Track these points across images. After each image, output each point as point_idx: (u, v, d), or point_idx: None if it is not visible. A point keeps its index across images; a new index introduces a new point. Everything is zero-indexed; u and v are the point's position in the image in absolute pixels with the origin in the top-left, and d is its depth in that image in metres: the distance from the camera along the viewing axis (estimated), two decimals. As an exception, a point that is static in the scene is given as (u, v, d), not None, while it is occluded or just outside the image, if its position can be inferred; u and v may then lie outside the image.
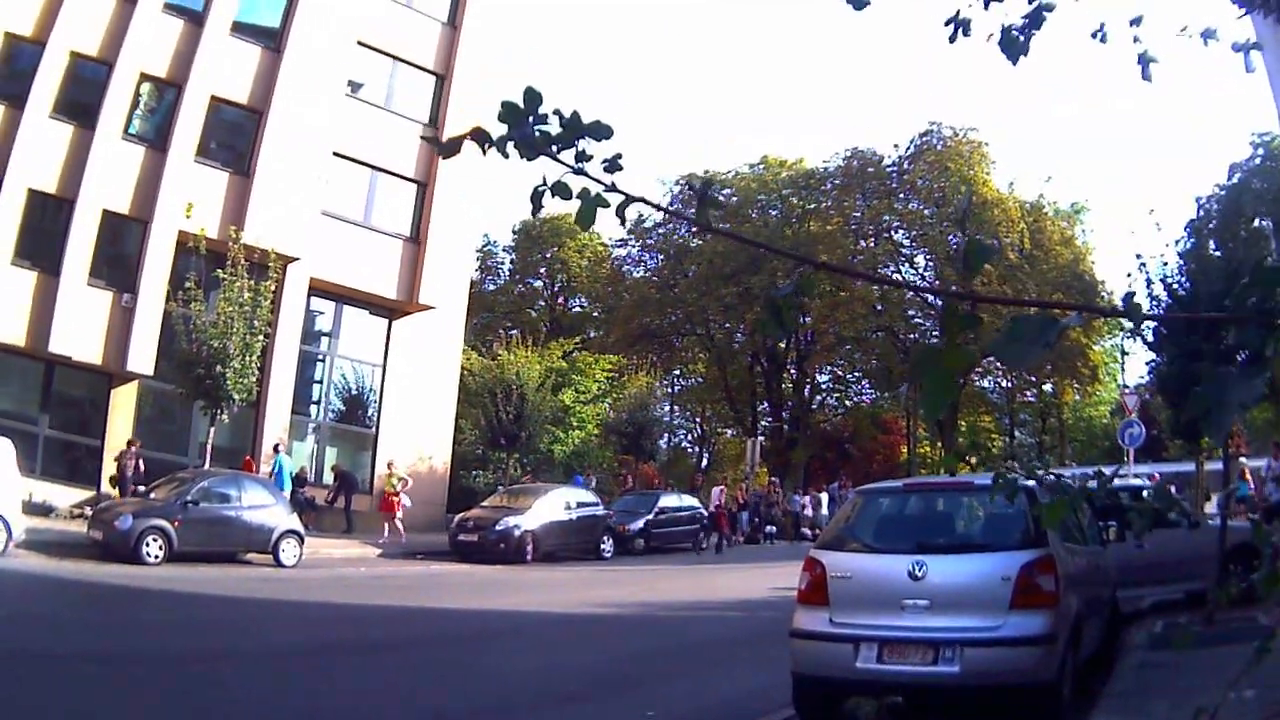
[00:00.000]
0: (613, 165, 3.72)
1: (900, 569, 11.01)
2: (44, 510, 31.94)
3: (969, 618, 10.67)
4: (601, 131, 3.69)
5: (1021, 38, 6.74)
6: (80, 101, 35.27)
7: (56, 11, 34.34)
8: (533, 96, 3.68)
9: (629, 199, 3.74)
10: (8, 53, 34.46)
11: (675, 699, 13.97)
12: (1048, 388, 76.02)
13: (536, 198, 3.80)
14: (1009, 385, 77.20)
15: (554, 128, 3.67)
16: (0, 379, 34.93)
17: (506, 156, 3.68)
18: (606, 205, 3.76)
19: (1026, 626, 10.49)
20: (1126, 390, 54.38)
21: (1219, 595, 11.93)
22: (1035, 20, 6.74)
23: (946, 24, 7.05)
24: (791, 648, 11.68)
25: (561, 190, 3.76)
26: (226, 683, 13.62)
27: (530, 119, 3.67)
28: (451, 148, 3.76)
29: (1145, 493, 18.13)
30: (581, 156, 3.70)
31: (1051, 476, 6.27)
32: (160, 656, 15.12)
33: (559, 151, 3.67)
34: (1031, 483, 8.08)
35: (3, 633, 15.76)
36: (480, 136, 3.68)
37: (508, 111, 3.66)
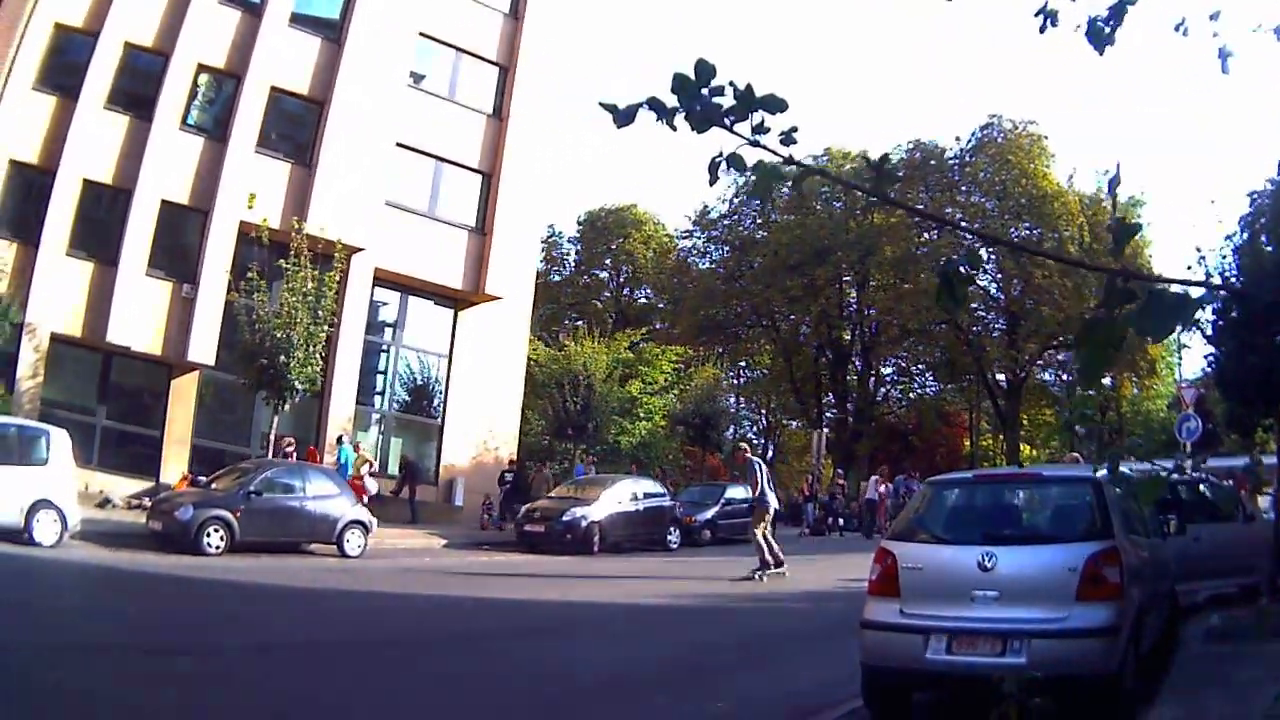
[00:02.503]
0: (788, 138, 3.76)
1: (970, 560, 10.70)
2: (101, 501, 30.81)
3: (1036, 609, 10.35)
4: (775, 104, 3.71)
5: (1107, 29, 6.62)
6: (136, 92, 34.31)
7: (109, 2, 33.41)
8: (705, 69, 3.70)
9: (806, 170, 3.94)
10: (59, 44, 33.45)
11: (744, 690, 13.41)
12: (1106, 381, 73.37)
13: (714, 169, 3.82)
14: (1069, 379, 74.27)
15: (727, 100, 3.69)
16: (57, 369, 33.27)
17: (674, 129, 3.70)
18: (782, 177, 3.78)
19: (1091, 618, 10.19)
20: (1184, 384, 52.91)
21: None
22: (1118, 13, 6.62)
23: (1036, 15, 6.98)
24: (862, 639, 11.27)
25: (737, 162, 3.78)
26: (290, 674, 13.19)
27: (702, 91, 3.68)
28: (627, 116, 3.77)
29: (1202, 487, 18.53)
30: (759, 129, 3.73)
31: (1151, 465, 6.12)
32: (224, 647, 14.56)
33: (733, 124, 3.70)
34: (1100, 474, 8.39)
35: (59, 623, 15.22)
36: (656, 106, 3.70)
37: (679, 83, 3.70)
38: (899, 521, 13.69)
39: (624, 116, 3.72)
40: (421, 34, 40.06)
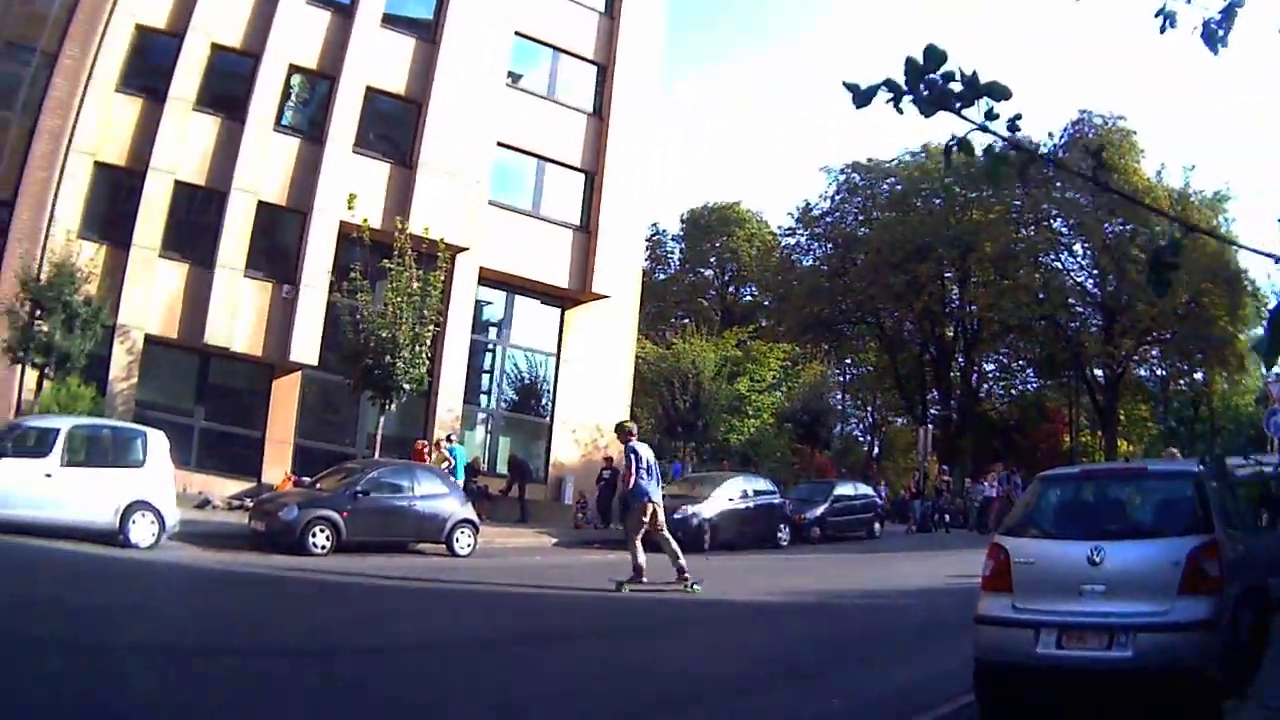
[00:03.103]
0: (1013, 125, 3.80)
1: (1079, 554, 10.38)
2: (200, 502, 29.45)
3: (1141, 602, 10.02)
4: (1000, 92, 3.74)
5: (1220, 31, 5.85)
6: (225, 93, 33.25)
7: (192, 3, 32.39)
8: (936, 54, 3.70)
9: (1032, 156, 4.18)
10: (141, 45, 32.35)
11: (858, 686, 13.07)
12: (1198, 376, 73.49)
13: (948, 153, 4.02)
14: (1163, 374, 75.31)
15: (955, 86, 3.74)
16: (151, 371, 31.87)
17: (901, 112, 3.73)
18: (1009, 163, 3.95)
19: (1193, 611, 9.79)
20: (1271, 379, 51.07)
21: None
22: (1228, 14, 5.87)
23: (1156, 15, 6.23)
24: (976, 634, 10.97)
25: (966, 147, 3.87)
26: (403, 673, 12.27)
27: (932, 76, 3.70)
28: (866, 97, 3.74)
29: None
30: (990, 115, 3.75)
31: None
32: (336, 648, 13.85)
33: (960, 109, 3.72)
34: (1200, 468, 9.32)
35: (160, 625, 14.40)
36: (894, 88, 3.69)
37: (910, 67, 3.69)
38: (1011, 517, 12.97)
39: (862, 98, 3.66)
40: (518, 33, 38.63)
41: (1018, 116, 3.62)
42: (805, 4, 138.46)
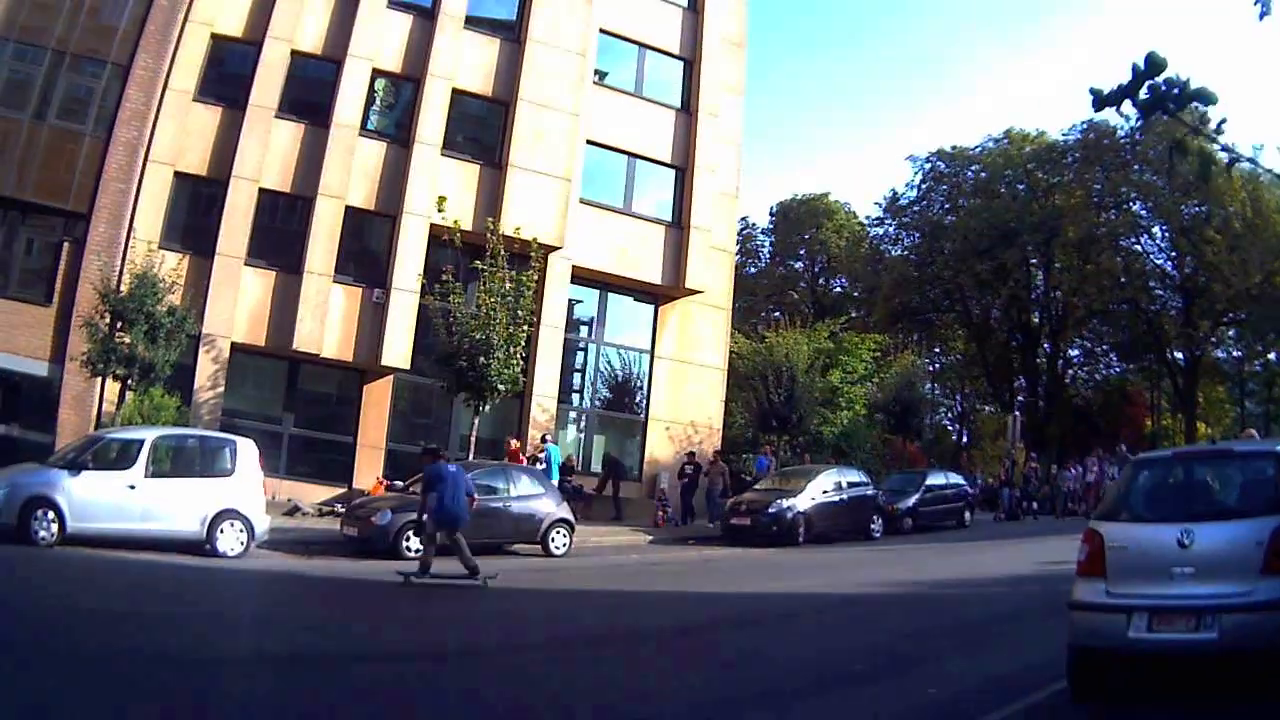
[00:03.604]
0: (1219, 128, 4.44)
1: (1169, 537, 10.00)
2: (290, 509, 28.93)
3: (1227, 583, 9.57)
4: (1208, 97, 4.52)
5: None
6: (308, 99, 32.54)
7: (269, 11, 31.88)
8: (1158, 62, 4.41)
9: (1236, 158, 4.62)
10: (218, 54, 31.98)
11: (953, 676, 12.77)
12: (1272, 356, 70.03)
13: (1170, 155, 4.67)
14: (1239, 355, 72.45)
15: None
16: (238, 379, 31.18)
17: (1123, 115, 4.37)
18: (1217, 163, 4.52)
19: (1276, 591, 9.26)
20: None
21: None
22: None
23: (1255, 3, 6.66)
24: (1070, 619, 10.67)
25: (1180, 149, 4.61)
26: (504, 672, 12.61)
27: (1153, 81, 4.39)
28: (1110, 100, 4.71)
29: None
30: (1204, 119, 4.45)
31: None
32: (451, 650, 14.14)
33: (1175, 112, 4.35)
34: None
35: (264, 631, 14.34)
36: (1116, 96, 4.57)
37: (1135, 74, 4.44)
38: (1105, 502, 13.06)
39: (1101, 102, 4.49)
40: (603, 30, 37.31)
41: (1223, 120, 4.23)
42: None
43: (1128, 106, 3.63)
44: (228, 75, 31.69)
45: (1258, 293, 62.27)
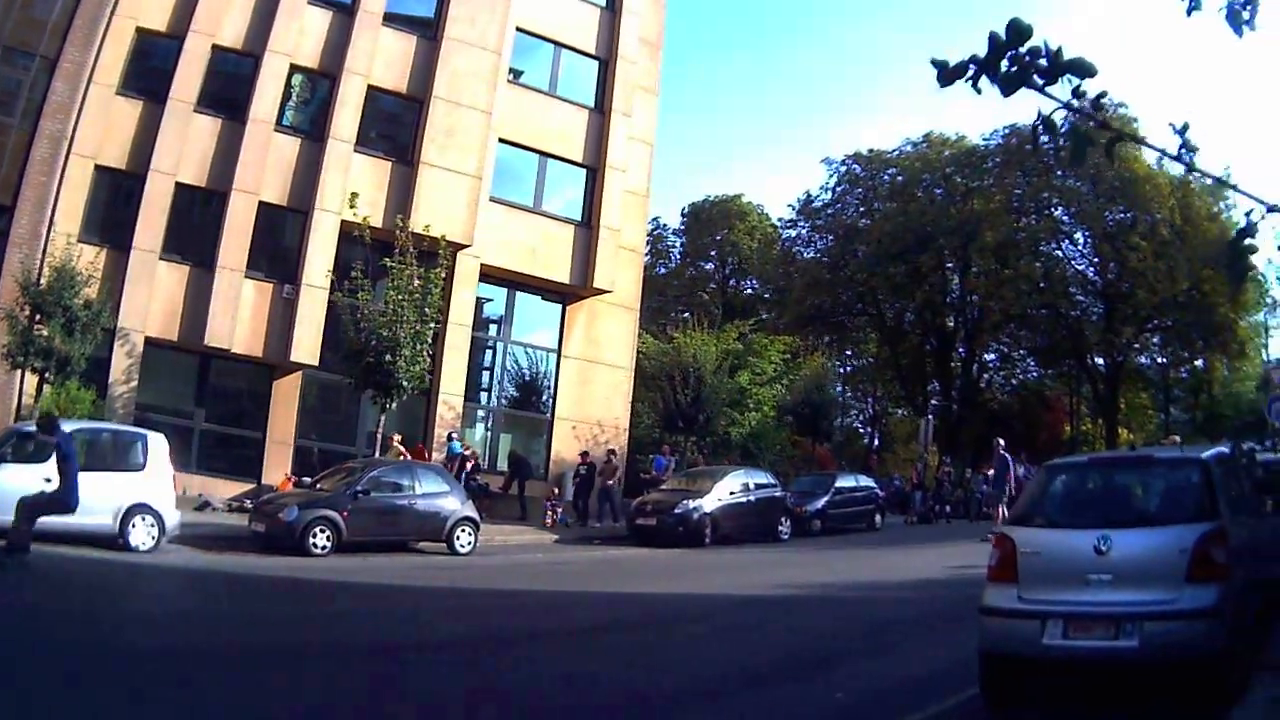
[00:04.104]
0: (1096, 102, 3.81)
1: (1085, 543, 10.29)
2: (200, 504, 29.49)
3: (1148, 591, 9.97)
4: (1086, 68, 3.68)
5: (1244, 13, 5.62)
6: (226, 94, 33.34)
7: (193, 6, 32.57)
8: (1022, 29, 3.60)
9: (1119, 135, 4.00)
10: (142, 48, 32.53)
11: (862, 680, 13.10)
12: (1199, 363, 73.50)
13: (1034, 133, 3.90)
14: (1164, 362, 74.90)
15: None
16: (152, 373, 31.74)
17: (979, 92, 3.73)
18: (1094, 143, 3.84)
19: (1200, 599, 9.76)
20: (1272, 365, 51.22)
21: None
22: None
23: None
24: (981, 625, 10.87)
25: (1051, 127, 3.85)
26: (409, 671, 12.68)
27: (1017, 52, 3.63)
28: (952, 75, 3.69)
29: None
30: (1077, 93, 3.75)
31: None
32: (344, 649, 14.08)
33: (1044, 86, 3.70)
34: (1207, 454, 10.27)
35: (167, 627, 14.87)
36: (978, 63, 3.64)
37: (993, 44, 3.62)
38: (1017, 507, 13.23)
39: (948, 77, 3.57)
40: (519, 29, 38.48)
41: (1103, 94, 3.61)
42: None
43: (985, 82, 3.59)
44: (151, 69, 32.26)
45: (1185, 300, 64.16)
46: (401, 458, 30.96)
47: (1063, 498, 11.66)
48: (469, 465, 34.13)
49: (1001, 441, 30.11)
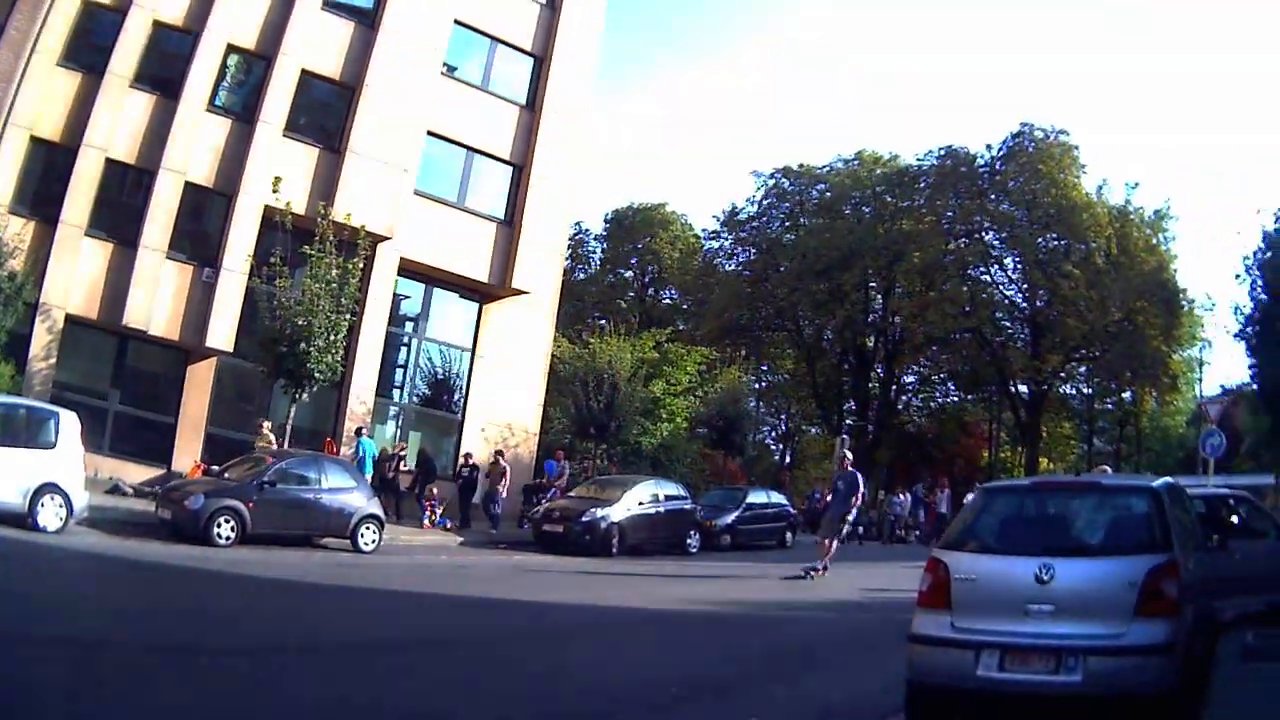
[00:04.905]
0: None
1: (1027, 572, 10.25)
2: (111, 487, 30.04)
3: (1093, 624, 9.95)
4: None
5: None
6: (163, 71, 33.65)
7: None
8: None
9: None
10: (86, 20, 32.76)
11: (780, 704, 12.96)
12: (1126, 395, 75.02)
13: None
14: (1090, 392, 76.71)
15: None
16: (70, 351, 32.42)
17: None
18: None
19: (1150, 634, 9.77)
20: (1206, 401, 53.11)
21: None
22: None
23: None
24: (909, 653, 10.86)
25: None
26: (295, 674, 12.84)
27: None
28: None
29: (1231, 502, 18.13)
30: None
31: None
32: (228, 646, 14.03)
33: None
34: (1157, 484, 9.46)
35: (54, 613, 14.85)
36: None
37: None
38: (950, 530, 12.81)
39: None
40: (457, 21, 39.43)
41: None
42: (742, 9, 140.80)
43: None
44: (92, 42, 32.48)
45: (1115, 330, 66.35)
46: (270, 446, 31.39)
47: (1002, 522, 11.59)
48: (401, 465, 35.34)
49: (847, 441, 28.90)
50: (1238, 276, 29.36)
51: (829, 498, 30.14)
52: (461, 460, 37.46)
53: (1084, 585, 10.15)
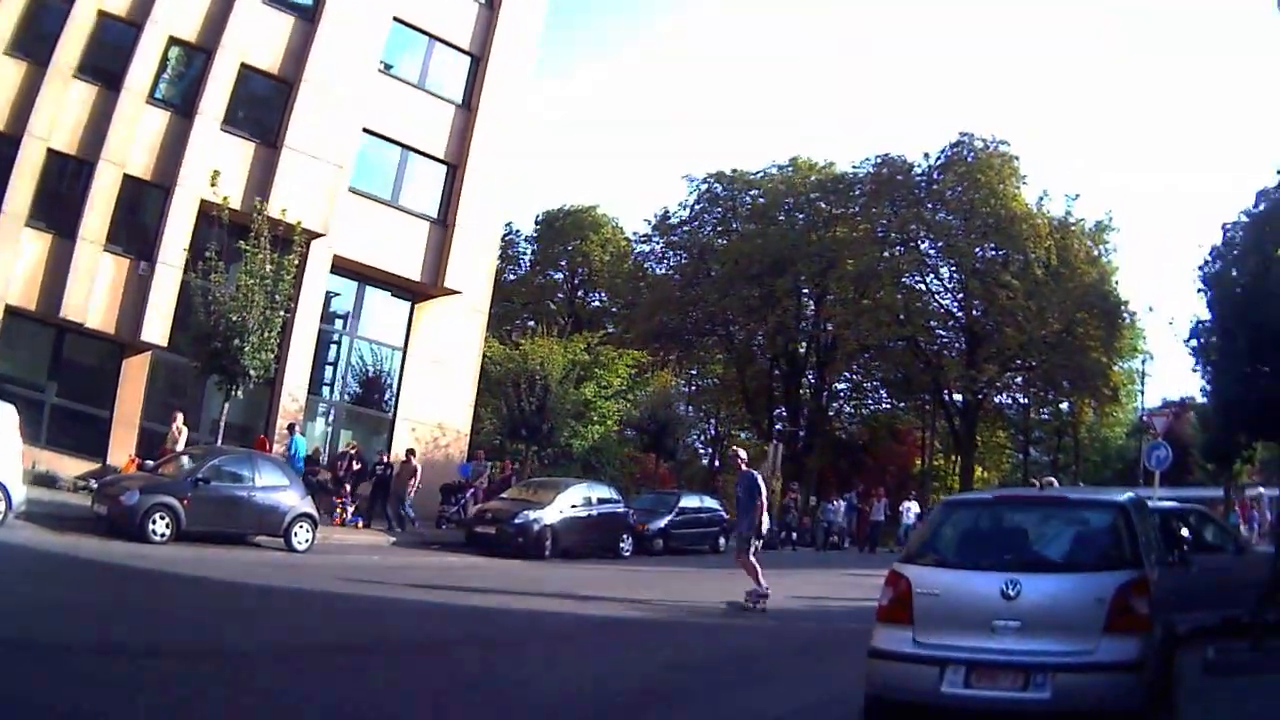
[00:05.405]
0: None
1: (992, 587, 10.28)
2: (48, 481, 30.48)
3: (1061, 641, 9.99)
4: None
5: None
6: (106, 62, 33.90)
7: None
8: None
9: None
10: (34, 10, 33.03)
11: (727, 715, 13.05)
12: (1065, 406, 76.33)
13: None
14: (1026, 402, 77.89)
15: None
16: (8, 343, 32.87)
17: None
18: None
19: (1120, 651, 9.85)
20: (1153, 412, 54.30)
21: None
22: None
23: None
24: (869, 668, 10.83)
25: None
26: (227, 681, 12.48)
27: None
28: None
29: (1191, 517, 19.22)
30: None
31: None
32: (161, 649, 13.82)
33: None
34: (1124, 498, 9.04)
35: None
36: None
37: None
38: (912, 543, 13.23)
39: None
40: (396, 19, 40.14)
41: None
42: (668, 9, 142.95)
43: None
44: (39, 31, 32.71)
45: (1054, 341, 67.77)
46: (180, 439, 31.93)
47: (965, 536, 11.66)
48: (355, 465, 35.91)
49: (743, 454, 25.03)
50: (1200, 291, 30.58)
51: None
52: (377, 458, 37.61)
53: (1052, 601, 10.26)
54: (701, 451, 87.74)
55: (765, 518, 24.90)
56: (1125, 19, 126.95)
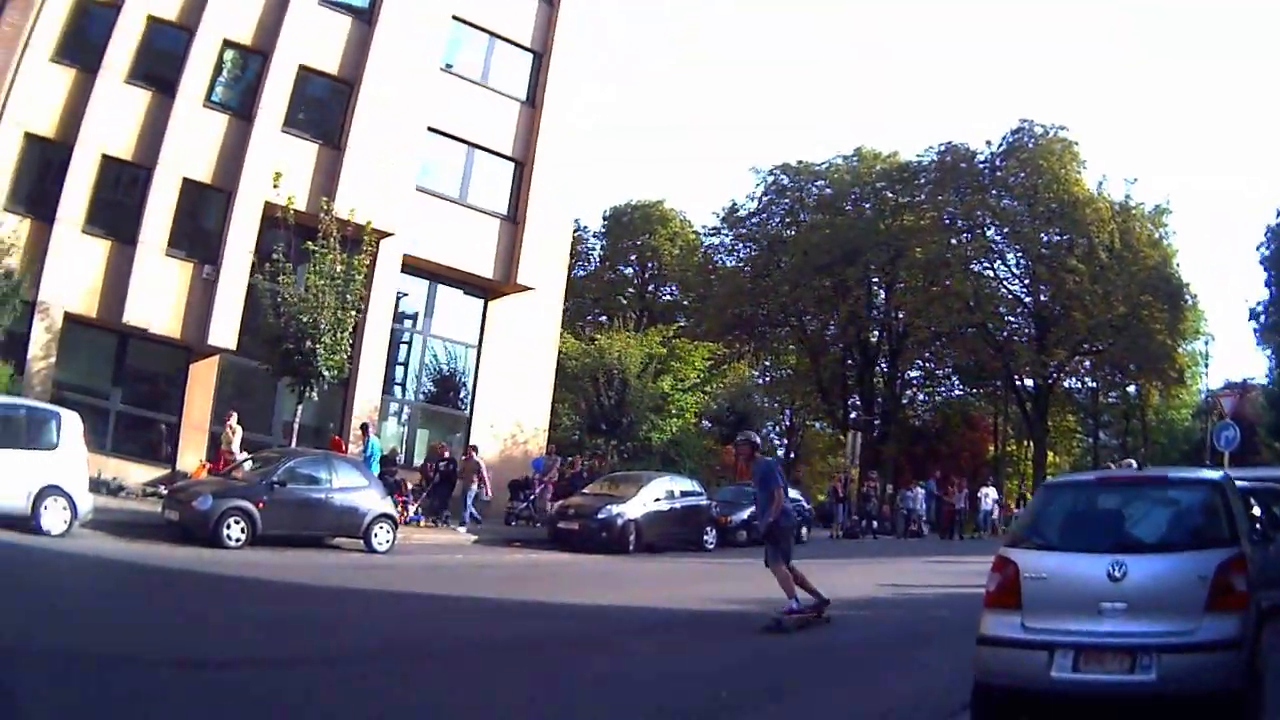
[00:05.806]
0: None
1: (1099, 569, 9.80)
2: (114, 489, 29.36)
3: (1165, 621, 9.47)
4: None
5: None
6: (158, 68, 33.04)
7: None
8: None
9: None
10: (80, 16, 32.09)
11: (837, 708, 12.42)
12: (1131, 389, 75.34)
13: None
14: (1095, 386, 76.89)
15: None
16: (70, 350, 31.71)
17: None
18: None
19: (1221, 630, 9.36)
20: (1219, 393, 52.44)
21: None
22: None
23: None
24: (978, 654, 10.35)
25: None
26: (320, 687, 11.73)
27: None
28: None
29: None
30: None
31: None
32: (247, 657, 13.00)
33: None
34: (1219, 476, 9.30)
35: (68, 626, 13.56)
36: None
37: None
38: (1016, 527, 12.78)
39: None
40: (455, 17, 38.90)
41: None
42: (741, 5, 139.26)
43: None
44: (86, 38, 31.90)
45: (1121, 324, 66.04)
46: (234, 441, 30.91)
47: (1068, 519, 11.11)
48: (444, 466, 34.41)
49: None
50: (1264, 268, 28.63)
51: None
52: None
53: (1157, 582, 9.73)
54: (776, 442, 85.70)
55: (787, 513, 19.65)
56: (1170, 19, 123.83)
